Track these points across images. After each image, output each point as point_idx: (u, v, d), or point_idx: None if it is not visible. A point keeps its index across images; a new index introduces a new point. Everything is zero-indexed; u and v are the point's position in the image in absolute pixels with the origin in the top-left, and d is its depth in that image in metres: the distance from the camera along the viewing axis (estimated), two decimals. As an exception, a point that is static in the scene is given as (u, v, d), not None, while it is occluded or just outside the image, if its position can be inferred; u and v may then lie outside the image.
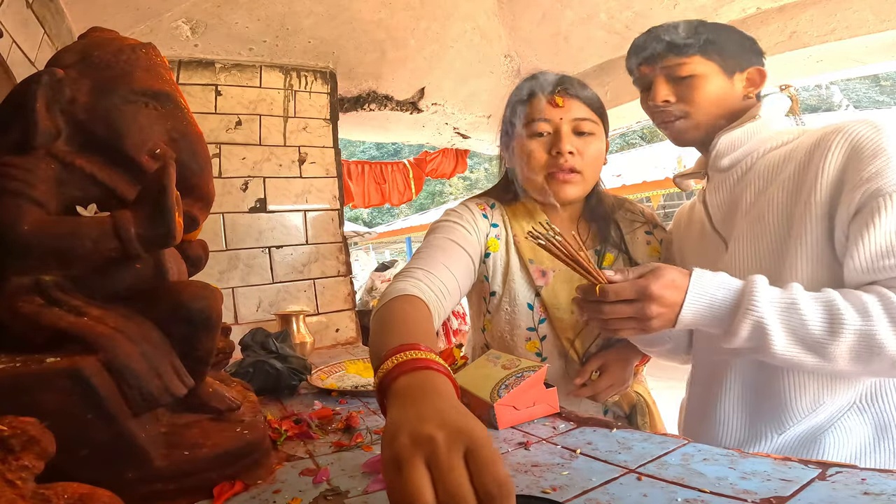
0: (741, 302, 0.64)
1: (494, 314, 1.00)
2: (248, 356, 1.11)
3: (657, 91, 0.85)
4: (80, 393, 0.48)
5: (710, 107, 0.84)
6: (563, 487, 0.52)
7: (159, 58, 0.68)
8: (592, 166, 0.95)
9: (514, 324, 0.98)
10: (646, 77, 0.88)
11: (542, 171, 0.94)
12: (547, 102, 0.93)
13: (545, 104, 0.93)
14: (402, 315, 0.70)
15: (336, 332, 2.13)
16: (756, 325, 0.63)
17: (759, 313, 0.63)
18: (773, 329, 0.63)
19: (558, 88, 0.93)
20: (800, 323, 0.63)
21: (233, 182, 1.98)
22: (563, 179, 0.93)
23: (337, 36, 2.13)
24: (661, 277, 0.66)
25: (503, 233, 1.00)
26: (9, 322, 0.54)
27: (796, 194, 0.74)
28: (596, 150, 0.95)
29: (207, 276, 0.93)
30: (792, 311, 0.63)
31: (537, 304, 0.97)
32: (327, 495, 0.55)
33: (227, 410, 0.65)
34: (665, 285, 0.66)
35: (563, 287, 0.95)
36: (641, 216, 1.06)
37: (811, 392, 0.73)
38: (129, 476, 0.52)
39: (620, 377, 0.96)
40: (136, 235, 0.53)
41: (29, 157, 0.56)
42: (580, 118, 0.93)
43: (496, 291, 0.99)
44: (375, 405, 0.92)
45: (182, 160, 0.64)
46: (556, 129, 0.92)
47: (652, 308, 0.66)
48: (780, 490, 0.46)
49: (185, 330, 0.58)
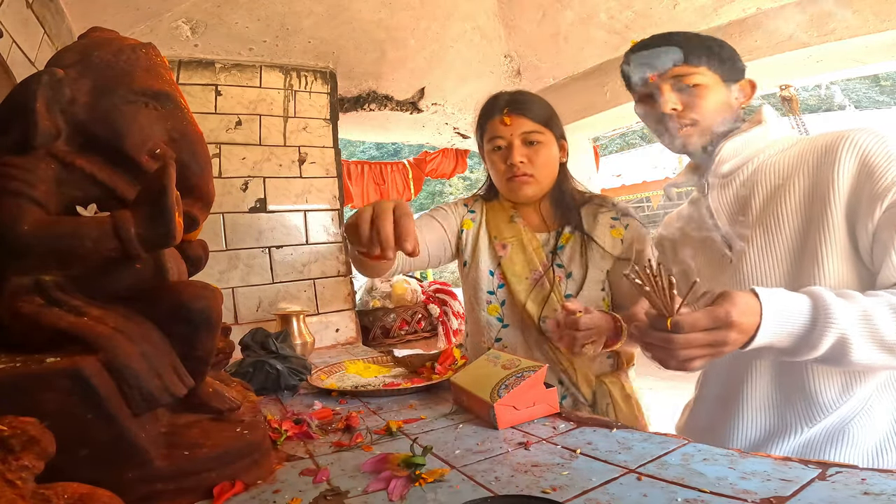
0: (818, 317, 0.64)
1: (465, 281, 1.23)
2: (248, 356, 1.11)
3: (666, 99, 0.87)
4: (80, 393, 0.48)
5: (715, 115, 0.87)
6: (563, 487, 0.52)
7: (159, 58, 0.68)
8: (544, 169, 1.13)
9: (477, 287, 1.18)
10: (648, 84, 0.89)
11: (503, 176, 1.15)
12: (499, 121, 1.13)
13: (498, 123, 1.13)
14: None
15: (336, 332, 2.13)
16: (840, 339, 0.64)
17: (841, 326, 0.63)
18: (856, 339, 0.64)
19: (506, 108, 1.12)
20: (876, 329, 0.64)
21: (233, 182, 1.98)
22: (520, 182, 1.12)
23: (337, 36, 2.13)
24: (738, 303, 0.63)
25: (479, 217, 1.23)
26: (9, 322, 0.54)
27: (810, 201, 0.78)
28: (545, 156, 1.12)
29: (207, 276, 0.93)
30: (867, 319, 0.64)
31: (498, 272, 1.16)
32: (327, 495, 0.55)
33: (227, 410, 0.65)
34: (743, 311, 0.63)
35: (518, 256, 1.15)
36: (612, 206, 1.16)
37: (839, 382, 0.75)
38: (129, 476, 0.52)
39: (603, 327, 0.92)
40: (136, 235, 0.53)
41: (29, 157, 0.56)
42: (527, 131, 1.11)
43: (467, 261, 1.21)
44: (375, 405, 0.93)
45: (182, 160, 0.64)
46: (509, 143, 1.12)
47: (731, 335, 0.63)
48: (780, 490, 0.46)
49: (185, 330, 0.58)
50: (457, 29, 2.37)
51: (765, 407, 0.82)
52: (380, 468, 0.60)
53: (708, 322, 0.62)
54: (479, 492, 0.53)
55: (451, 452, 0.65)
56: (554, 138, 1.14)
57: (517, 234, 1.16)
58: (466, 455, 0.64)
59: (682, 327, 0.62)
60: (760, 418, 0.82)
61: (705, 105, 0.86)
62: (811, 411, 0.77)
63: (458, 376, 0.88)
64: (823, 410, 0.76)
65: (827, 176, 0.76)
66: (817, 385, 0.76)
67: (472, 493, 0.53)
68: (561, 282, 1.11)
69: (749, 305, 0.64)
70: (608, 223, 1.14)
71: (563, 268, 1.12)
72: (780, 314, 0.64)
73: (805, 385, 0.77)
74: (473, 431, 0.73)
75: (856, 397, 0.75)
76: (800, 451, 0.78)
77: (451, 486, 0.55)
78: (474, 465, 0.60)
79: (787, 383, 0.80)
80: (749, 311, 0.64)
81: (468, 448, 0.66)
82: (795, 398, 0.78)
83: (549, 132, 1.13)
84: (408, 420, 0.81)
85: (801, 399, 0.78)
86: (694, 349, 0.63)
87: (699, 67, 0.86)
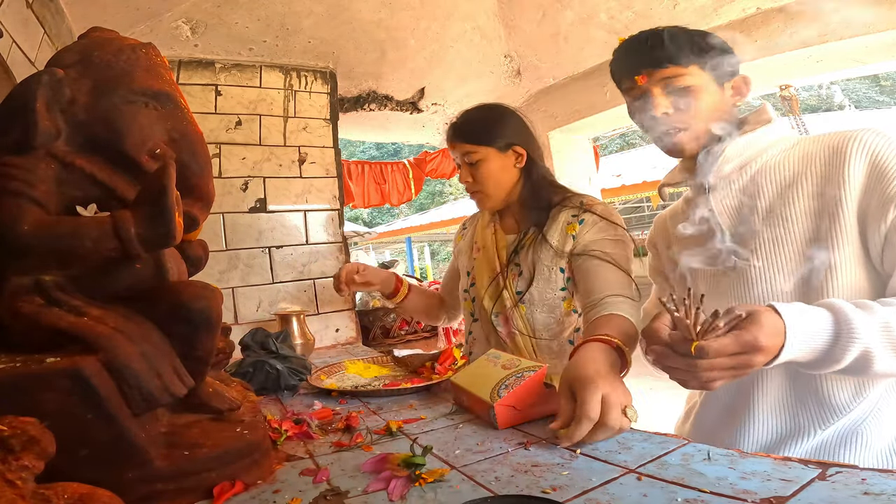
0: (840, 332, 0.64)
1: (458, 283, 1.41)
2: (248, 356, 1.11)
3: (657, 102, 0.84)
4: (80, 393, 0.48)
5: (708, 117, 0.84)
6: (563, 487, 0.52)
7: (159, 58, 0.68)
8: (489, 184, 1.21)
9: (458, 286, 1.39)
10: (638, 87, 0.86)
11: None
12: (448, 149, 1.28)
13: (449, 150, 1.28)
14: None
15: (336, 332, 2.13)
16: (863, 353, 0.63)
17: (864, 340, 0.63)
18: (878, 351, 0.63)
19: (448, 138, 1.26)
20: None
21: (233, 182, 1.98)
22: (474, 198, 1.26)
23: (337, 36, 2.13)
24: (764, 326, 0.61)
25: (469, 229, 1.41)
26: (9, 322, 0.54)
27: (819, 203, 0.77)
28: (485, 171, 1.20)
29: (207, 276, 0.93)
30: (888, 330, 0.64)
31: (472, 272, 1.30)
32: (327, 495, 0.55)
33: (227, 410, 0.65)
34: (770, 334, 0.61)
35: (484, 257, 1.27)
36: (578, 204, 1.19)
37: (853, 384, 0.75)
38: (129, 476, 0.52)
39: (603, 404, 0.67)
40: (136, 235, 0.53)
41: (29, 157, 0.56)
42: (465, 153, 1.21)
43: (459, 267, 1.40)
44: (375, 405, 0.93)
45: (182, 160, 0.64)
46: (458, 165, 1.25)
47: (758, 358, 0.61)
48: (780, 490, 0.46)
49: (185, 330, 0.58)
50: (457, 29, 2.37)
51: (777, 410, 0.80)
52: (380, 468, 0.60)
53: (735, 347, 0.60)
54: (479, 492, 0.53)
55: (451, 452, 0.65)
56: (495, 151, 1.20)
57: (488, 237, 1.28)
58: (466, 455, 0.64)
59: (707, 353, 0.60)
60: (772, 421, 0.81)
61: (697, 108, 0.83)
62: (825, 413, 0.76)
63: (458, 376, 0.88)
64: (837, 412, 0.75)
65: (836, 177, 0.75)
66: (831, 387, 0.76)
67: (472, 493, 0.53)
68: (515, 280, 1.19)
69: (775, 327, 0.62)
70: (566, 220, 1.17)
71: (519, 266, 1.19)
72: (803, 333, 0.63)
73: (819, 387, 0.76)
74: (473, 431, 0.73)
75: (868, 399, 0.75)
76: (812, 454, 0.77)
77: (451, 486, 0.55)
78: (474, 465, 0.60)
79: (800, 385, 0.79)
80: (775, 333, 0.62)
81: (468, 448, 0.66)
82: (809, 400, 0.78)
83: (486, 148, 1.20)
84: (408, 420, 0.81)
85: (814, 401, 0.77)
86: (717, 371, 0.62)
87: (689, 68, 0.82)
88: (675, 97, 0.83)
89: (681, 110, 0.83)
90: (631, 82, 0.88)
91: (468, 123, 1.23)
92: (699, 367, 0.61)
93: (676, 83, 0.83)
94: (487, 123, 1.22)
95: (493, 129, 1.20)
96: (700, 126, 0.85)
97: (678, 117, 0.84)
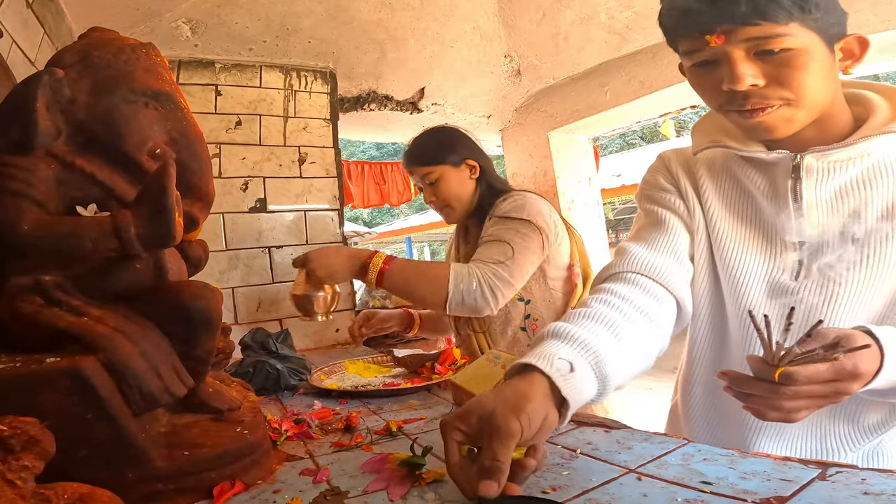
0: None
1: None
2: (248, 356, 1.11)
3: (739, 72, 0.61)
4: (80, 393, 0.48)
5: (817, 91, 0.62)
6: (563, 487, 0.52)
7: (159, 58, 0.68)
8: (451, 198, 1.31)
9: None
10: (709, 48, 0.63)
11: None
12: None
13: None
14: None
15: (336, 332, 2.13)
16: None
17: None
18: None
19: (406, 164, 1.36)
20: None
21: (233, 182, 1.98)
22: (442, 215, 1.37)
23: (337, 36, 2.13)
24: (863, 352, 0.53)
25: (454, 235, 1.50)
26: (9, 322, 0.54)
27: None
28: (444, 188, 1.30)
29: (207, 276, 0.93)
30: None
31: None
32: (327, 495, 0.55)
33: (227, 410, 0.65)
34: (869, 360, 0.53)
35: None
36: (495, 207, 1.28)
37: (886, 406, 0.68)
38: (129, 476, 0.52)
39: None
40: (136, 235, 0.53)
41: (29, 157, 0.56)
42: (423, 175, 1.31)
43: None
44: (375, 405, 0.93)
45: (182, 160, 0.64)
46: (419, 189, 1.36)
47: (854, 387, 0.53)
48: (780, 490, 0.46)
49: (185, 330, 0.58)
50: (457, 29, 2.37)
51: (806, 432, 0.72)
52: (380, 468, 0.60)
53: (830, 374, 0.52)
54: (479, 492, 0.53)
55: (451, 452, 0.65)
56: (450, 167, 1.30)
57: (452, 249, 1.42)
58: (466, 455, 0.64)
59: (796, 380, 0.51)
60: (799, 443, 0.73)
61: (802, 78, 0.60)
62: (857, 435, 0.69)
63: (458, 376, 0.88)
64: (869, 434, 0.69)
65: None
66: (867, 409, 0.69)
67: (472, 493, 0.53)
68: None
69: (873, 353, 0.54)
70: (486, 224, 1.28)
71: None
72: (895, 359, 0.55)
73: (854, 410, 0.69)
74: (473, 431, 0.73)
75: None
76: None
77: (451, 486, 0.54)
78: (474, 465, 0.60)
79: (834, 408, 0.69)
80: (873, 359, 0.54)
81: (468, 448, 0.66)
82: (841, 423, 0.70)
83: (441, 166, 1.29)
84: (408, 420, 0.81)
85: (848, 424, 0.70)
86: (805, 401, 0.53)
87: (789, 25, 0.58)
88: (770, 65, 0.61)
89: (777, 83, 0.61)
90: (698, 42, 0.63)
91: (421, 147, 1.34)
92: (783, 394, 0.52)
93: (771, 45, 0.59)
94: (438, 144, 1.33)
95: (444, 147, 1.31)
96: (807, 104, 0.63)
97: (773, 92, 0.62)
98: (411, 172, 1.35)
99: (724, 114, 0.69)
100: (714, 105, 0.69)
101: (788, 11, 0.58)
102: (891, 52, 1.81)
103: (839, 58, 0.64)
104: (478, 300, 1.13)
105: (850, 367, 0.52)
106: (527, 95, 2.81)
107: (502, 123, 3.04)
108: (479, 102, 2.83)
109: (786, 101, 0.63)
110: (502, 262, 1.15)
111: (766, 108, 0.63)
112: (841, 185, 0.67)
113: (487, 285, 1.13)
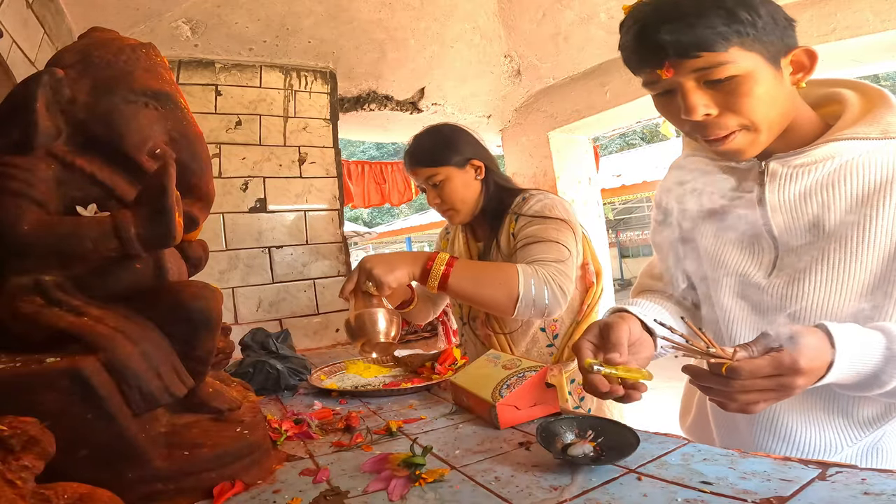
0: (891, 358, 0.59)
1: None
2: (248, 356, 1.11)
3: (692, 102, 0.63)
4: (80, 393, 0.48)
5: (767, 111, 0.64)
6: (564, 487, 0.52)
7: (159, 58, 0.68)
8: (455, 200, 1.26)
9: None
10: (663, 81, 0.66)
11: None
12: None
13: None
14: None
15: (336, 332, 2.13)
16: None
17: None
18: None
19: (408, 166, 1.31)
20: None
21: (233, 182, 1.98)
22: (446, 217, 1.32)
23: (337, 36, 2.13)
24: (807, 348, 0.55)
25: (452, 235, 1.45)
26: (9, 322, 0.54)
27: None
28: (450, 190, 1.25)
29: (207, 276, 0.93)
30: None
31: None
32: (327, 495, 0.55)
33: (227, 410, 0.65)
34: (813, 357, 0.56)
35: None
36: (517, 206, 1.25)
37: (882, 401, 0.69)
38: (129, 476, 0.52)
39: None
40: (136, 235, 0.53)
41: (29, 157, 0.56)
42: (427, 177, 1.26)
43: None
44: (375, 405, 0.93)
45: (182, 160, 0.64)
46: (422, 190, 1.31)
47: (798, 381, 0.56)
48: (780, 490, 0.46)
49: (185, 330, 0.58)
50: (457, 29, 2.37)
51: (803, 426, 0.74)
52: (380, 468, 0.60)
53: (771, 369, 0.55)
54: (479, 491, 0.53)
55: (451, 452, 0.65)
56: (454, 169, 1.24)
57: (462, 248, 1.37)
58: (466, 455, 0.64)
59: (739, 374, 0.55)
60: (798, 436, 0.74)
61: (752, 104, 0.63)
62: (854, 430, 0.71)
63: (459, 376, 0.88)
64: (866, 428, 0.71)
65: None
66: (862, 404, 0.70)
67: (472, 493, 0.53)
68: None
69: (819, 350, 0.56)
70: (510, 221, 1.24)
71: None
72: (850, 358, 0.58)
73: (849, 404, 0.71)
74: (473, 431, 0.73)
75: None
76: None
77: (451, 486, 0.55)
78: (474, 465, 0.60)
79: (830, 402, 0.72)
80: (819, 356, 0.56)
81: (468, 448, 0.66)
82: (837, 417, 0.72)
83: (445, 167, 1.24)
84: (408, 420, 0.81)
85: (843, 418, 0.71)
86: (753, 394, 0.57)
87: (728, 51, 0.60)
88: (721, 94, 0.63)
89: (729, 111, 0.64)
90: (653, 75, 0.66)
91: (423, 148, 1.28)
92: (733, 387, 0.56)
93: (716, 74, 0.61)
94: (442, 144, 1.26)
95: (447, 147, 1.25)
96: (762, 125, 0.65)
97: (728, 120, 0.65)
98: (414, 174, 1.29)
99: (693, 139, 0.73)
100: (683, 130, 0.73)
101: (725, 38, 0.59)
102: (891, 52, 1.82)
103: (790, 72, 0.65)
104: (549, 300, 1.08)
105: (790, 362, 0.54)
106: (527, 95, 2.81)
107: (502, 123, 3.04)
108: (479, 102, 2.83)
109: (743, 126, 0.65)
110: (563, 262, 1.12)
111: (728, 135, 0.66)
112: (805, 188, 0.69)
113: (557, 285, 1.09)
